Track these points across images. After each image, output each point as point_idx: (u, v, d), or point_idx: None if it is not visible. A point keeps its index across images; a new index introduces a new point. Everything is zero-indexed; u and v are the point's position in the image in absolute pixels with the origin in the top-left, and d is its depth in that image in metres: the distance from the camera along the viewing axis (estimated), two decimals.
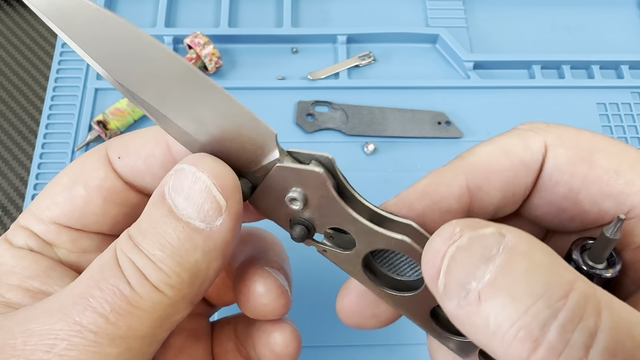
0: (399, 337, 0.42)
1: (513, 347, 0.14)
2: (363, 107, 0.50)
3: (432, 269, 0.17)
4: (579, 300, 0.14)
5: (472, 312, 0.15)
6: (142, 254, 0.19)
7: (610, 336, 0.14)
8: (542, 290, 0.14)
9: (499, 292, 0.15)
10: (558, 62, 0.52)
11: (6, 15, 0.57)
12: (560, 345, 0.14)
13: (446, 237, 0.17)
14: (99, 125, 0.46)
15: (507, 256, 0.15)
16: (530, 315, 0.14)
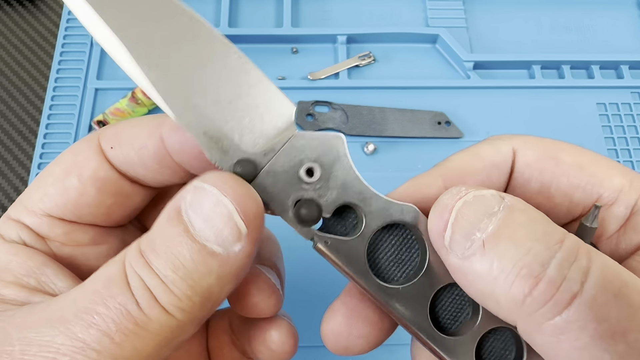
0: (399, 337, 0.42)
1: (515, 285, 0.16)
2: (363, 107, 0.50)
3: (440, 221, 0.18)
4: (572, 245, 0.16)
5: (475, 260, 0.17)
6: (154, 274, 0.18)
7: (601, 275, 0.16)
8: (541, 236, 0.17)
9: (501, 239, 0.17)
10: (558, 62, 0.52)
11: (6, 15, 0.57)
12: (559, 279, 0.16)
13: (454, 193, 0.18)
14: (99, 125, 0.46)
15: (508, 211, 0.17)
16: (531, 255, 0.16)
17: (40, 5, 0.58)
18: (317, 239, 0.20)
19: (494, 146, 0.22)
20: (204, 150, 0.19)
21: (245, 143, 0.20)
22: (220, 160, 0.20)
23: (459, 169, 0.22)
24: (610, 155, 0.49)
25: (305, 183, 0.20)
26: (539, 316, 0.16)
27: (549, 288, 0.16)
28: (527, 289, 0.16)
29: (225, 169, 0.20)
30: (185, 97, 0.19)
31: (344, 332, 0.21)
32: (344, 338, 0.22)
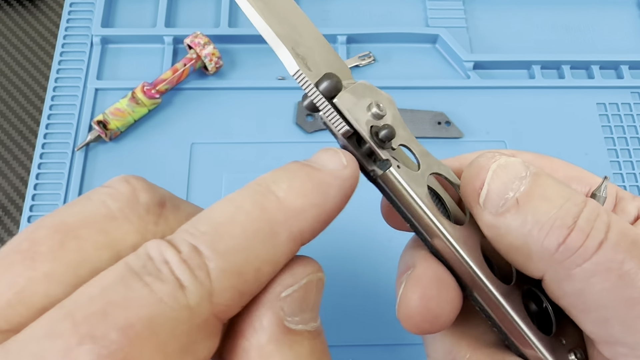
0: (399, 337, 0.42)
1: (550, 236, 0.18)
2: None
3: (477, 181, 0.20)
4: (594, 204, 0.19)
5: (509, 216, 0.19)
6: None
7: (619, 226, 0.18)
8: (569, 195, 0.19)
9: (534, 197, 0.19)
10: (558, 62, 0.52)
11: (6, 15, 0.57)
12: (588, 228, 0.18)
13: (489, 156, 0.20)
14: (99, 125, 0.46)
15: (535, 176, 0.19)
16: (563, 209, 0.18)
17: (40, 5, 0.58)
18: (393, 161, 0.20)
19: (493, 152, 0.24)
20: (295, 62, 0.20)
21: (326, 66, 0.21)
22: (309, 74, 0.20)
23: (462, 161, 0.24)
24: (610, 155, 0.49)
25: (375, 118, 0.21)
26: (570, 263, 0.18)
27: (580, 236, 0.18)
28: (561, 238, 0.18)
29: (312, 82, 0.20)
30: (280, 24, 0.21)
31: (434, 295, 0.20)
32: (435, 303, 0.20)
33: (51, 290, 0.15)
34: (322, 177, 0.18)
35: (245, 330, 0.17)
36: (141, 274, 0.15)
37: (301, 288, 0.17)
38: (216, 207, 0.17)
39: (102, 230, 0.17)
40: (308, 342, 0.17)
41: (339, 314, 0.42)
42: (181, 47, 0.52)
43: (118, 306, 0.14)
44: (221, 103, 0.50)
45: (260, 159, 0.48)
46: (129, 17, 0.54)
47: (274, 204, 0.17)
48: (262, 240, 0.16)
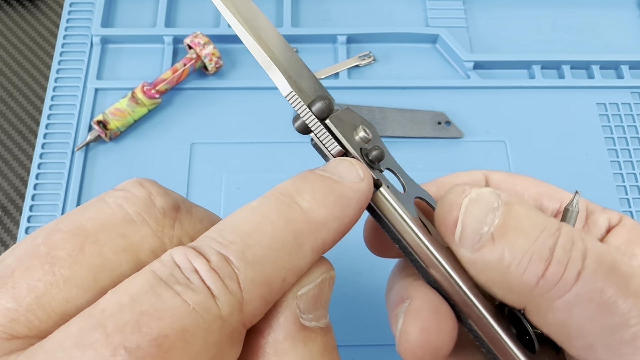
0: None
1: (528, 270, 0.18)
2: (363, 107, 0.50)
3: (450, 218, 0.19)
4: (569, 231, 0.18)
5: (486, 252, 0.18)
6: None
7: (595, 252, 0.18)
8: (543, 225, 0.18)
9: (509, 230, 0.18)
10: (558, 62, 0.52)
11: (6, 15, 0.57)
12: (565, 260, 0.18)
13: (459, 192, 0.20)
14: (99, 125, 0.46)
15: (507, 206, 0.19)
16: (539, 242, 0.18)
17: (40, 5, 0.57)
18: (383, 181, 0.20)
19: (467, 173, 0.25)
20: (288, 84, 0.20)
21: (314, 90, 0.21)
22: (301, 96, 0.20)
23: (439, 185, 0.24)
24: (610, 155, 0.49)
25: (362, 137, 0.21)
26: (551, 296, 0.18)
27: (558, 269, 0.18)
28: (539, 272, 0.18)
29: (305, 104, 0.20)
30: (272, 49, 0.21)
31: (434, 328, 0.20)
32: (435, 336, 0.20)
33: (71, 295, 0.16)
34: (342, 190, 0.19)
35: (263, 328, 0.17)
36: (170, 283, 0.15)
37: (316, 286, 0.18)
38: (240, 215, 0.17)
39: (120, 234, 0.17)
40: (321, 339, 0.18)
41: (339, 314, 0.42)
42: (181, 47, 0.52)
43: (151, 316, 0.14)
44: (221, 103, 0.50)
45: (260, 159, 0.48)
46: (129, 17, 0.54)
47: (299, 215, 0.17)
48: (289, 251, 0.17)
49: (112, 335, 0.14)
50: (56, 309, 0.15)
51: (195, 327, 0.15)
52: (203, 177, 0.47)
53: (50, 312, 0.15)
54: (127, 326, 0.14)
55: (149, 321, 0.14)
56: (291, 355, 0.17)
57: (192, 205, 0.20)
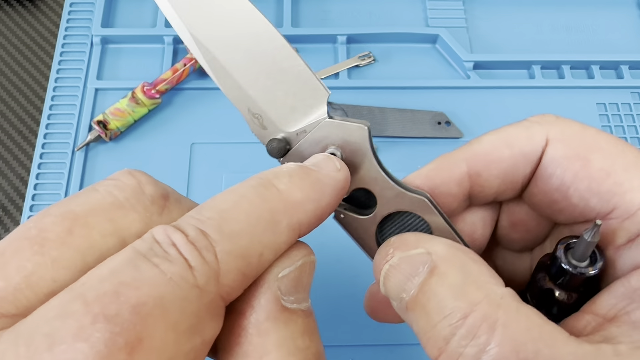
0: (399, 337, 0.42)
1: (427, 349, 0.19)
2: (363, 107, 0.50)
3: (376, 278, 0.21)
4: (475, 321, 0.18)
5: (403, 314, 0.20)
6: None
7: (497, 352, 0.17)
8: (449, 311, 0.18)
9: (418, 306, 0.19)
10: (558, 62, 0.52)
11: (6, 15, 0.57)
12: (455, 355, 0.18)
13: (382, 255, 0.20)
14: (99, 125, 0.46)
15: (427, 276, 0.19)
16: (437, 329, 0.18)
17: (40, 5, 0.58)
18: (335, 212, 0.23)
19: (528, 131, 0.22)
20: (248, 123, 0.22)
21: (282, 123, 0.22)
22: (260, 134, 0.22)
23: (484, 155, 0.22)
24: None
25: None
26: None
27: (449, 359, 0.18)
28: (434, 355, 0.18)
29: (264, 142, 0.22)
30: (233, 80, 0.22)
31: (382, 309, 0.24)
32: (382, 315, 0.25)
33: (59, 275, 0.16)
34: (319, 176, 0.20)
35: (244, 309, 0.18)
36: (149, 256, 0.16)
37: (297, 269, 0.19)
38: (219, 196, 0.18)
39: (108, 218, 0.17)
40: (302, 321, 0.19)
41: (339, 314, 0.42)
42: (181, 47, 0.52)
43: (129, 286, 0.15)
44: (221, 103, 0.50)
45: (260, 159, 0.48)
46: (129, 17, 0.54)
47: (275, 195, 0.18)
48: (264, 227, 0.18)
49: (92, 304, 0.14)
50: (44, 288, 0.16)
51: (173, 295, 0.15)
52: (203, 177, 0.47)
53: (38, 291, 0.16)
54: (106, 295, 0.14)
55: (127, 290, 0.15)
56: (272, 335, 0.17)
57: (181, 197, 0.20)
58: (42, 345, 0.14)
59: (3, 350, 0.14)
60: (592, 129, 0.22)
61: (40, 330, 0.14)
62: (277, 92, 0.22)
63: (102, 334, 0.14)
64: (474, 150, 0.23)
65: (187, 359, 0.16)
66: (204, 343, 0.16)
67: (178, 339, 0.15)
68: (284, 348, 0.17)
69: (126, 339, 0.14)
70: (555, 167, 0.22)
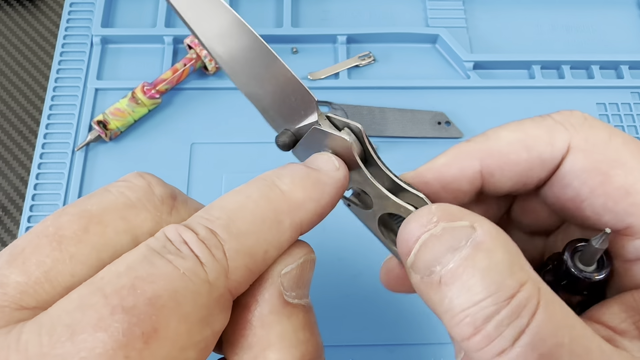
0: (399, 337, 0.42)
1: (458, 328, 0.18)
2: (363, 107, 0.50)
3: (405, 247, 0.20)
4: (520, 302, 0.17)
5: (431, 289, 0.18)
6: None
7: (535, 333, 0.17)
8: (494, 289, 0.17)
9: (457, 281, 0.18)
10: (558, 62, 0.52)
11: (6, 15, 0.57)
12: (494, 335, 0.17)
13: (422, 223, 0.19)
14: (99, 125, 0.46)
15: (472, 250, 0.18)
16: (478, 307, 0.17)
17: (40, 5, 0.58)
18: (343, 201, 0.24)
19: (550, 134, 0.21)
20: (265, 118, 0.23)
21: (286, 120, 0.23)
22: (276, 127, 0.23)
23: (500, 155, 0.22)
24: None
25: None
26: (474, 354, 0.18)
27: (483, 340, 0.17)
28: (466, 335, 0.18)
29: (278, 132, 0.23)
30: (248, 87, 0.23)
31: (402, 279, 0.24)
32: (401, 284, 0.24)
33: (76, 271, 0.17)
34: (319, 176, 0.20)
35: (249, 303, 0.19)
36: (162, 253, 0.17)
37: (298, 266, 0.20)
38: (226, 197, 0.19)
39: (122, 217, 0.18)
40: (303, 315, 0.19)
41: (339, 314, 0.42)
42: (181, 47, 0.52)
43: (145, 280, 0.16)
44: (221, 103, 0.50)
45: (260, 159, 0.48)
46: (129, 17, 0.54)
47: (279, 195, 0.19)
48: (269, 226, 0.19)
49: (110, 297, 0.15)
50: (62, 282, 0.17)
51: (185, 289, 0.16)
52: (203, 177, 0.47)
53: (56, 285, 0.17)
54: (124, 289, 0.16)
55: (144, 284, 0.16)
56: (275, 328, 0.18)
57: (188, 198, 0.21)
58: (64, 335, 0.15)
59: (26, 340, 0.15)
60: (619, 137, 0.21)
61: (61, 321, 0.15)
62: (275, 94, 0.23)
63: (121, 324, 0.15)
64: (489, 148, 0.22)
65: (198, 349, 0.17)
66: (213, 334, 0.18)
67: (190, 330, 0.16)
68: (286, 340, 0.18)
69: (143, 329, 0.15)
70: (573, 179, 0.21)
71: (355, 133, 0.23)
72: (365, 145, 0.23)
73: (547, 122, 0.22)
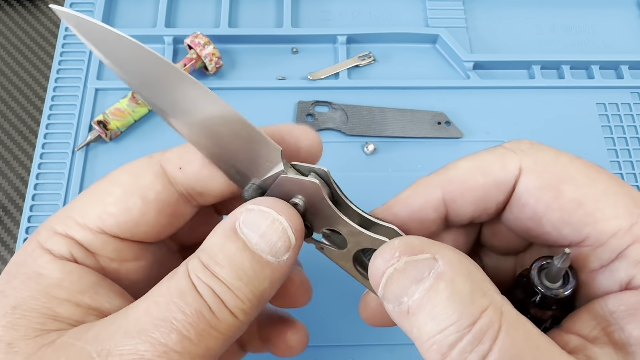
0: (399, 337, 0.42)
1: (428, 354, 0.19)
2: (363, 107, 0.50)
3: (374, 281, 0.21)
4: (481, 328, 0.18)
5: (402, 318, 0.20)
6: (221, 282, 0.21)
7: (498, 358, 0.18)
8: (456, 318, 0.18)
9: (422, 310, 0.19)
10: (558, 62, 0.52)
11: (6, 15, 0.57)
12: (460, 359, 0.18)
13: (386, 258, 0.20)
14: (99, 125, 0.47)
15: (435, 281, 0.19)
16: (442, 335, 0.18)
17: (40, 5, 0.58)
18: (316, 245, 0.24)
19: (502, 160, 0.23)
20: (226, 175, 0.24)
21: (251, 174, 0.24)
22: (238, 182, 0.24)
23: (459, 182, 0.23)
24: (610, 155, 0.49)
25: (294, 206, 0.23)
26: None
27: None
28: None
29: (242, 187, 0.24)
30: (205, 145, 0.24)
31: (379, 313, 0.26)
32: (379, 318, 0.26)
33: None
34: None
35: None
36: None
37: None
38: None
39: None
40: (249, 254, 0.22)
41: (339, 314, 0.42)
42: (181, 47, 0.52)
43: None
44: None
45: None
46: (129, 17, 0.54)
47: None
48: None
49: None
50: None
51: None
52: None
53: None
54: None
55: None
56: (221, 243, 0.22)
57: None
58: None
59: None
60: (565, 157, 0.23)
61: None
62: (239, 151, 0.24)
63: None
64: (449, 177, 0.24)
65: None
66: None
67: None
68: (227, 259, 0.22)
69: None
70: (529, 198, 0.22)
71: (321, 177, 0.23)
72: (333, 187, 0.24)
73: (499, 150, 0.24)
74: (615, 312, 0.21)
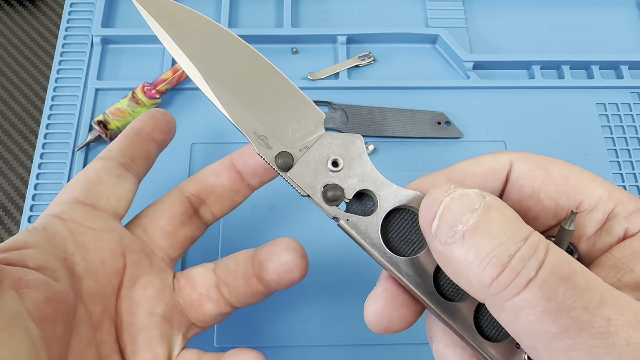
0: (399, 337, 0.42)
1: (486, 271, 0.20)
2: (363, 107, 0.50)
3: (429, 212, 0.22)
4: (534, 241, 0.20)
5: (455, 247, 0.21)
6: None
7: (553, 262, 0.19)
8: (511, 232, 0.20)
9: (479, 232, 0.20)
10: (558, 62, 0.52)
11: (6, 15, 0.57)
12: (520, 267, 0.19)
13: (443, 190, 0.22)
14: (99, 125, 0.47)
15: (487, 209, 0.21)
16: (501, 248, 0.20)
17: (40, 5, 0.58)
18: (341, 216, 0.25)
19: (494, 156, 0.26)
20: (253, 143, 0.26)
21: (285, 142, 0.26)
22: (265, 154, 0.26)
23: (461, 171, 0.26)
24: (610, 155, 0.49)
25: (331, 172, 0.25)
26: (502, 297, 0.20)
27: (511, 274, 0.19)
28: (494, 274, 0.20)
29: (268, 160, 0.25)
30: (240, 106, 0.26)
31: (387, 313, 0.25)
32: (387, 319, 0.25)
33: None
34: None
35: None
36: None
37: None
38: None
39: None
40: None
41: (339, 314, 0.42)
42: None
43: None
44: None
45: None
46: (129, 17, 0.54)
47: None
48: None
49: None
50: None
51: None
52: None
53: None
54: None
55: None
56: None
57: None
58: None
59: None
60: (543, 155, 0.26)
61: None
62: (281, 117, 0.26)
63: None
64: (452, 168, 0.26)
65: None
66: None
67: None
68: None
69: None
70: (525, 179, 0.25)
71: None
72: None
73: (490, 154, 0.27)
74: (621, 258, 0.23)
